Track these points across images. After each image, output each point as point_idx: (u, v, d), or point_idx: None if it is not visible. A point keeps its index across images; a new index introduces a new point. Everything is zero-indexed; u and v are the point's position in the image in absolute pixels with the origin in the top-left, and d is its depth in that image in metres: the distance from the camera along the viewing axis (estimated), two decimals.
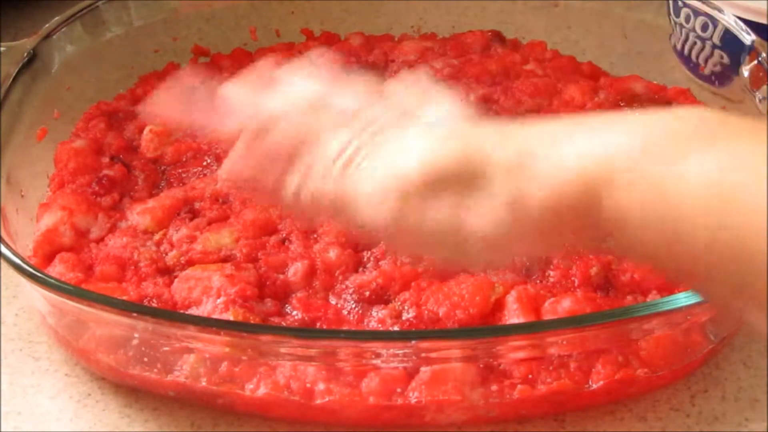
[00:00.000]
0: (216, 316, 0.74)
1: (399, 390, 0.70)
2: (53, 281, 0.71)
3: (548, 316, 0.73)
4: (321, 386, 0.70)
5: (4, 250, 0.72)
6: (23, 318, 0.82)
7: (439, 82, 0.66)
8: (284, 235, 0.81)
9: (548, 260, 0.78)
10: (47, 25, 0.93)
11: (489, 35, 1.03)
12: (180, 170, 0.89)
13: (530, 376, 0.71)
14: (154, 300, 0.76)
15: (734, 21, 0.91)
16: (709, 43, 0.94)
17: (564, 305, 0.74)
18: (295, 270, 0.78)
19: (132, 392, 0.75)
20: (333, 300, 0.77)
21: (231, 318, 0.74)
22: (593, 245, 0.56)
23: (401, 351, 0.69)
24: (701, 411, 0.74)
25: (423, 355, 0.70)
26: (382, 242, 0.79)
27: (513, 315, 0.74)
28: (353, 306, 0.76)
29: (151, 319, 0.69)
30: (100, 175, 0.87)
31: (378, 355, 0.69)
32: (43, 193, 0.87)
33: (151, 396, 0.75)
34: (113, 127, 0.94)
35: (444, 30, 1.07)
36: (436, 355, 0.70)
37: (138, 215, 0.84)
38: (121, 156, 0.90)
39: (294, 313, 0.75)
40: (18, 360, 0.78)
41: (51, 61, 0.92)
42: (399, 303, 0.75)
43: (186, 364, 0.72)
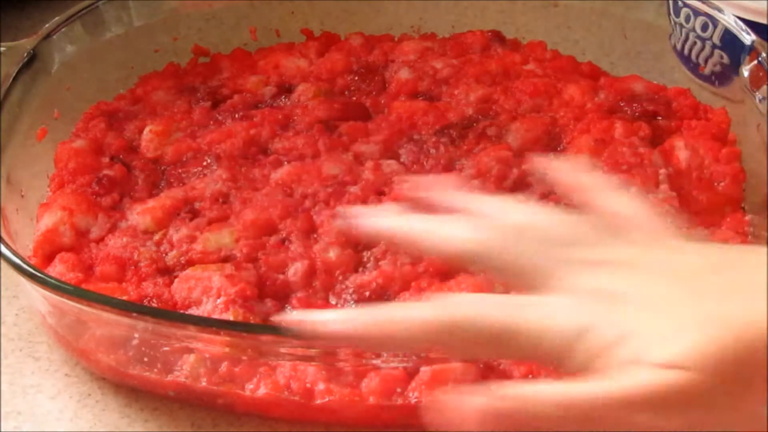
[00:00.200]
0: (216, 316, 0.74)
1: (399, 390, 0.70)
2: (53, 281, 0.71)
3: None
4: (321, 386, 0.70)
5: (4, 250, 0.72)
6: (23, 318, 0.82)
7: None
8: (284, 235, 0.81)
9: None
10: (47, 25, 0.93)
11: (489, 35, 1.03)
12: (180, 170, 0.89)
13: (530, 376, 0.71)
14: (154, 300, 0.76)
15: (734, 21, 0.91)
16: (709, 43, 0.94)
17: None
18: (295, 270, 0.78)
19: (132, 392, 0.75)
20: (333, 300, 0.77)
21: (231, 318, 0.74)
22: None
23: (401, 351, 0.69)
24: None
25: (423, 355, 0.70)
26: None
27: None
28: (353, 306, 0.76)
29: (151, 319, 0.69)
30: (100, 175, 0.87)
31: (378, 355, 0.69)
32: (43, 193, 0.87)
33: (151, 396, 0.75)
34: (113, 127, 0.94)
35: (444, 30, 1.07)
36: (436, 355, 0.70)
37: (138, 215, 0.84)
38: (121, 156, 0.90)
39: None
40: (18, 360, 0.78)
41: (51, 61, 0.92)
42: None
43: (186, 364, 0.72)
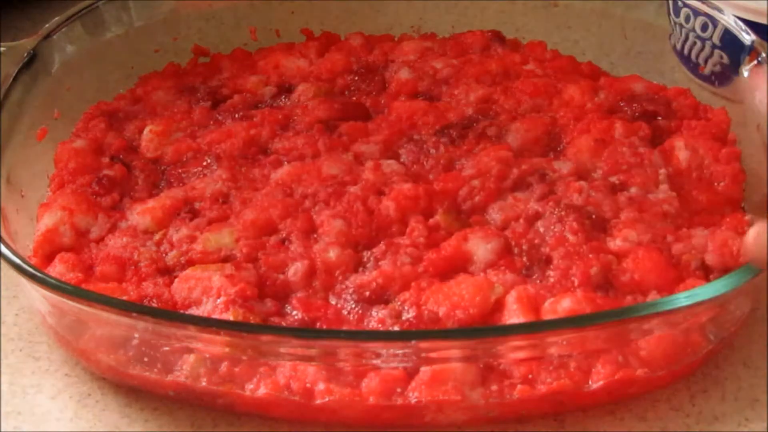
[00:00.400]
0: (216, 316, 0.74)
1: (399, 390, 0.70)
2: (53, 281, 0.71)
3: (548, 316, 0.73)
4: (321, 386, 0.70)
5: (4, 250, 0.72)
6: (23, 318, 0.82)
7: None
8: (284, 235, 0.81)
9: (548, 260, 0.78)
10: (47, 25, 0.93)
11: (489, 35, 1.03)
12: (180, 170, 0.89)
13: (530, 376, 0.71)
14: (154, 300, 0.76)
15: (734, 21, 0.91)
16: (709, 43, 0.94)
17: (564, 305, 0.73)
18: (295, 270, 0.78)
19: (132, 392, 0.75)
20: (333, 300, 0.77)
21: (231, 318, 0.74)
22: None
23: (401, 351, 0.69)
24: (701, 411, 0.74)
25: (423, 355, 0.70)
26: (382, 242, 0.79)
27: (513, 315, 0.74)
28: (353, 306, 0.76)
29: (151, 319, 0.69)
30: (100, 175, 0.87)
31: (378, 355, 0.69)
32: (43, 193, 0.87)
33: (151, 396, 0.75)
34: (113, 127, 0.94)
35: (444, 30, 1.07)
36: (436, 355, 0.70)
37: (138, 215, 0.84)
38: (121, 156, 0.90)
39: (294, 313, 0.75)
40: (18, 360, 0.79)
41: (51, 61, 0.93)
42: (399, 303, 0.75)
43: (186, 364, 0.72)
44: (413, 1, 1.09)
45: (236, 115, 0.94)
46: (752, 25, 0.92)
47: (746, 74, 0.88)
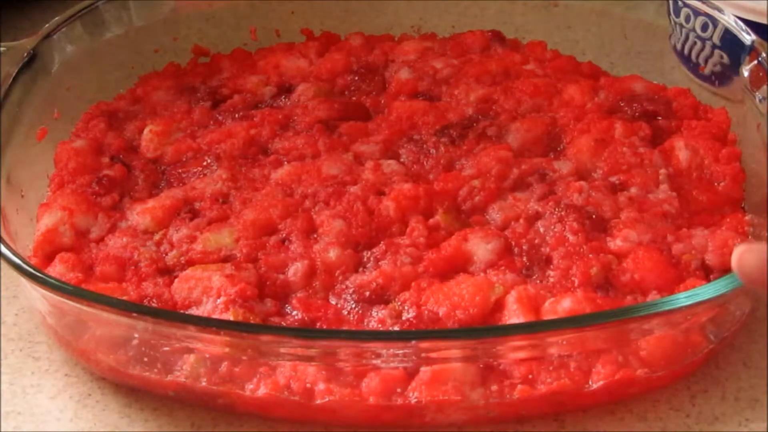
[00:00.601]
0: (216, 316, 0.74)
1: (399, 390, 0.70)
2: (53, 281, 0.71)
3: (548, 316, 0.73)
4: (321, 386, 0.70)
5: (4, 250, 0.72)
6: (23, 318, 0.82)
7: None
8: (284, 235, 0.81)
9: (548, 260, 0.78)
10: (47, 25, 0.93)
11: (489, 35, 1.03)
12: (180, 170, 0.89)
13: (530, 376, 0.71)
14: (154, 300, 0.76)
15: (734, 21, 0.91)
16: (709, 43, 0.94)
17: (564, 305, 0.73)
18: (295, 270, 0.78)
19: (132, 392, 0.75)
20: (333, 300, 0.77)
21: (231, 318, 0.74)
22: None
23: (401, 351, 0.69)
24: (701, 411, 0.74)
25: (423, 355, 0.70)
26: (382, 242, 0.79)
27: (513, 315, 0.74)
28: (353, 306, 0.76)
29: (151, 319, 0.69)
30: (100, 175, 0.87)
31: (378, 355, 0.69)
32: (43, 193, 0.87)
33: (151, 396, 0.75)
34: (113, 127, 0.94)
35: (444, 30, 1.07)
36: (436, 355, 0.70)
37: (138, 215, 0.84)
38: (121, 156, 0.90)
39: (294, 313, 0.75)
40: (18, 360, 0.79)
41: (51, 61, 0.93)
42: (399, 303, 0.75)
43: (186, 364, 0.72)
44: (413, 1, 1.09)
45: (236, 115, 0.94)
46: (752, 25, 0.92)
47: (746, 74, 0.88)
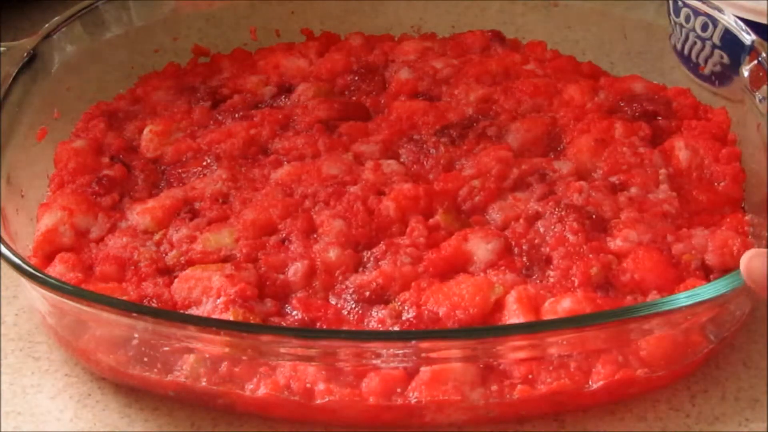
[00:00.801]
0: (216, 316, 0.74)
1: (399, 390, 0.70)
2: (53, 281, 0.71)
3: (548, 316, 0.73)
4: (321, 386, 0.70)
5: (4, 250, 0.72)
6: (23, 318, 0.82)
7: None
8: (284, 235, 0.81)
9: (548, 260, 0.78)
10: (47, 25, 0.93)
11: (489, 35, 1.03)
12: (180, 170, 0.89)
13: (530, 376, 0.71)
14: (154, 300, 0.76)
15: (734, 21, 0.91)
16: (709, 43, 0.94)
17: (564, 305, 0.74)
18: (295, 270, 0.78)
19: (132, 392, 0.75)
20: (333, 300, 0.77)
21: (231, 318, 0.74)
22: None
23: (401, 351, 0.69)
24: (701, 411, 0.74)
25: (423, 355, 0.70)
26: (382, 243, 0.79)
27: (513, 315, 0.74)
28: (353, 306, 0.76)
29: (151, 319, 0.69)
30: (100, 175, 0.87)
31: (378, 355, 0.69)
32: (43, 193, 0.87)
33: (151, 396, 0.75)
34: (113, 127, 0.94)
35: (444, 30, 1.07)
36: (436, 355, 0.70)
37: (138, 215, 0.84)
38: (121, 156, 0.90)
39: (294, 313, 0.75)
40: (18, 360, 0.78)
41: (51, 61, 0.92)
42: (399, 303, 0.75)
43: (186, 364, 0.72)
44: (413, 1, 1.09)
45: (236, 115, 0.94)
46: (752, 25, 0.92)
47: (746, 74, 0.88)
